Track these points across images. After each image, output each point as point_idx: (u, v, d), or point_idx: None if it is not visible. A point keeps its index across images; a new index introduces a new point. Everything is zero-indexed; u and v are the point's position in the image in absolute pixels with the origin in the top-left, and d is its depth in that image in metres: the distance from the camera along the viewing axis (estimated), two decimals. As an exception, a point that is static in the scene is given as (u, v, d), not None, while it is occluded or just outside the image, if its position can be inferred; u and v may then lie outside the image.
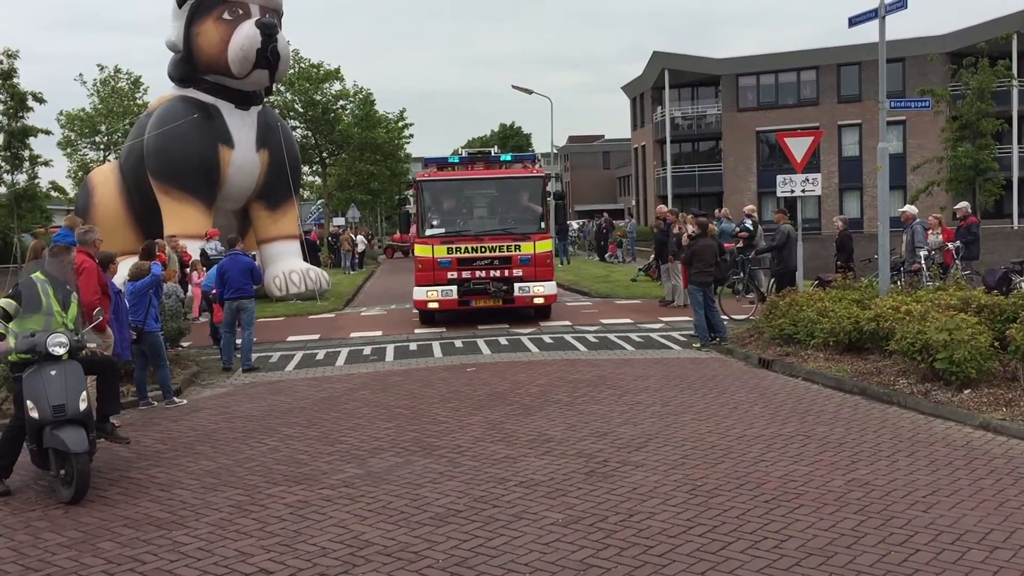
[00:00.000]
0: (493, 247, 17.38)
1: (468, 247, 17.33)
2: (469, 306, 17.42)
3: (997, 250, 24.86)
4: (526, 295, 17.49)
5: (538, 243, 17.61)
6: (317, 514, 6.83)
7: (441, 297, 17.25)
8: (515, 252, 17.38)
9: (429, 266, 17.29)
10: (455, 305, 17.34)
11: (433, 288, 17.29)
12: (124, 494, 7.53)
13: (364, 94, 50.09)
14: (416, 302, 17.74)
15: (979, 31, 43.06)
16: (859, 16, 14.66)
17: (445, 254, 17.27)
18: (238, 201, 24.10)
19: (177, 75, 23.52)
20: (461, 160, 18.49)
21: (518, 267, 17.39)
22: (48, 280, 7.92)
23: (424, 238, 17.58)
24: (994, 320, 11.03)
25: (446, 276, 17.26)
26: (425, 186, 18.01)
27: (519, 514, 6.69)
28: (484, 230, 17.86)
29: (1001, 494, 6.85)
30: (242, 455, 8.70)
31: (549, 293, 17.77)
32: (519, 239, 17.52)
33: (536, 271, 17.47)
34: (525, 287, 17.42)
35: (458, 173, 18.34)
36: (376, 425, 9.77)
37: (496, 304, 17.42)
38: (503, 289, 17.27)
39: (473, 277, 17.29)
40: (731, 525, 6.31)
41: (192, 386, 12.63)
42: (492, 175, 18.33)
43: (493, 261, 17.31)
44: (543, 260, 17.60)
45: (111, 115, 47.41)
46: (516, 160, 18.79)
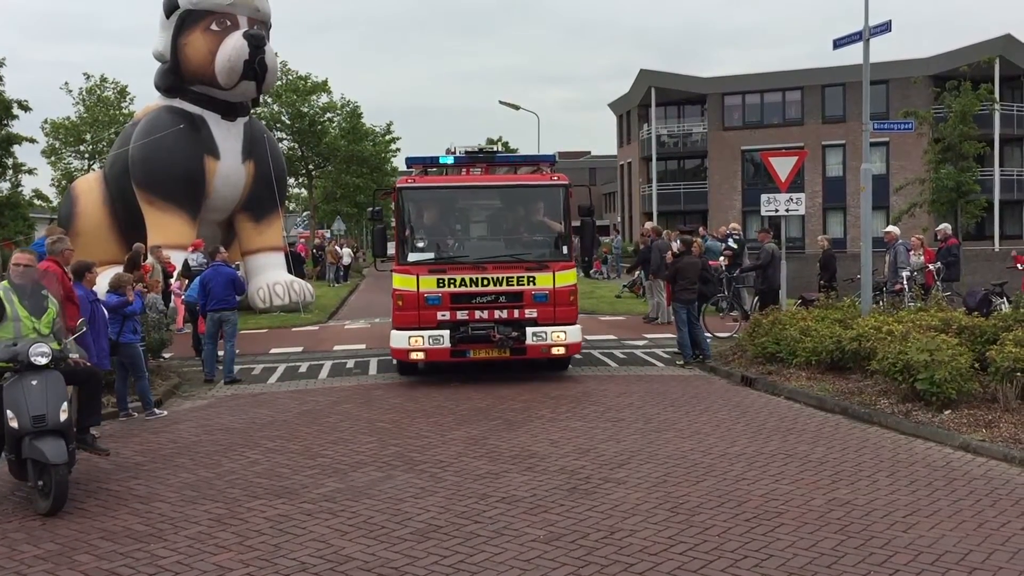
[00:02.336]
0: (499, 279, 12.87)
1: (465, 279, 12.84)
2: (465, 358, 12.92)
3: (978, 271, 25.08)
4: (542, 343, 12.89)
5: (559, 274, 12.99)
6: (297, 528, 6.80)
7: (428, 345, 12.76)
8: (528, 286, 12.89)
9: (412, 303, 12.79)
10: (447, 356, 12.84)
11: (417, 333, 12.77)
12: (103, 506, 7.47)
13: (351, 107, 50.09)
14: (394, 351, 13.13)
15: (962, 55, 43.56)
16: (844, 38, 14.82)
17: (434, 287, 12.76)
18: (223, 212, 24.02)
19: (164, 85, 23.46)
20: (456, 161, 13.78)
21: (532, 306, 12.88)
22: (12, 288, 7.86)
23: (405, 265, 12.99)
24: (974, 341, 11.12)
25: (435, 317, 12.78)
26: (408, 195, 13.29)
27: (501, 530, 6.67)
28: (487, 256, 13.21)
29: (980, 515, 6.89)
30: (222, 468, 8.64)
31: (572, 341, 13.02)
32: (533, 268, 12.95)
33: (556, 312, 12.93)
34: (541, 333, 12.86)
35: (452, 179, 14.00)
36: (358, 439, 9.74)
37: (501, 356, 12.98)
38: (511, 336, 12.76)
39: (472, 319, 12.79)
40: (712, 543, 6.32)
41: (173, 398, 12.55)
42: (497, 182, 13.86)
43: (498, 298, 12.86)
44: (565, 297, 13.02)
45: (96, 124, 47.25)
46: (528, 162, 14.32)
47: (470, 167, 13.96)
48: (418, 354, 12.85)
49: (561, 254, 13.32)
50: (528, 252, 13.41)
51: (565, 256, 13.29)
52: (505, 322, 12.85)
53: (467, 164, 13.88)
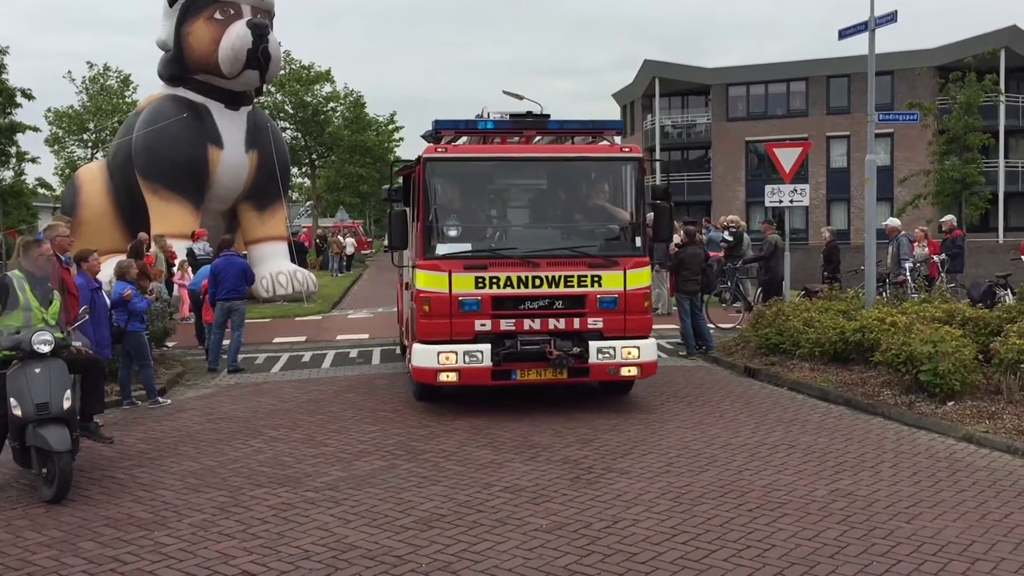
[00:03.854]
0: (555, 279, 10.03)
1: (512, 278, 9.98)
2: (510, 380, 10.07)
3: (982, 264, 24.99)
4: (609, 362, 10.10)
5: (631, 273, 10.20)
6: (300, 517, 6.81)
7: (462, 364, 9.89)
8: (592, 288, 10.08)
9: (442, 309, 9.92)
10: (486, 379, 10.00)
11: (449, 348, 9.91)
12: (106, 494, 7.48)
13: (354, 97, 50.04)
14: (416, 371, 10.26)
15: (967, 46, 43.37)
16: (849, 29, 14.76)
17: (471, 289, 9.93)
18: (226, 202, 24.02)
19: (167, 74, 23.44)
20: (497, 126, 10.84)
21: (596, 314, 10.10)
22: (25, 276, 7.88)
23: (433, 260, 10.04)
24: (978, 333, 11.12)
25: (472, 327, 9.95)
26: (437, 169, 10.27)
27: (503, 519, 6.68)
28: (539, 248, 10.27)
29: (983, 506, 6.89)
30: (226, 456, 8.66)
31: (647, 360, 10.32)
32: (599, 265, 10.13)
33: (627, 321, 10.18)
34: (608, 349, 10.09)
35: (494, 149, 10.83)
36: (361, 428, 9.75)
37: (556, 378, 10.16)
38: (571, 353, 9.98)
39: (520, 330, 10.03)
40: (715, 533, 6.32)
41: (176, 386, 12.57)
42: (554, 153, 10.90)
43: (554, 303, 10.06)
44: (638, 302, 10.25)
45: (99, 113, 47.28)
46: (589, 129, 11.01)
47: (516, 134, 10.95)
48: (449, 375, 9.90)
49: (633, 247, 10.48)
50: (592, 244, 10.50)
51: (638, 249, 10.45)
52: (562, 334, 10.05)
53: (512, 131, 10.87)
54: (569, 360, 9.96)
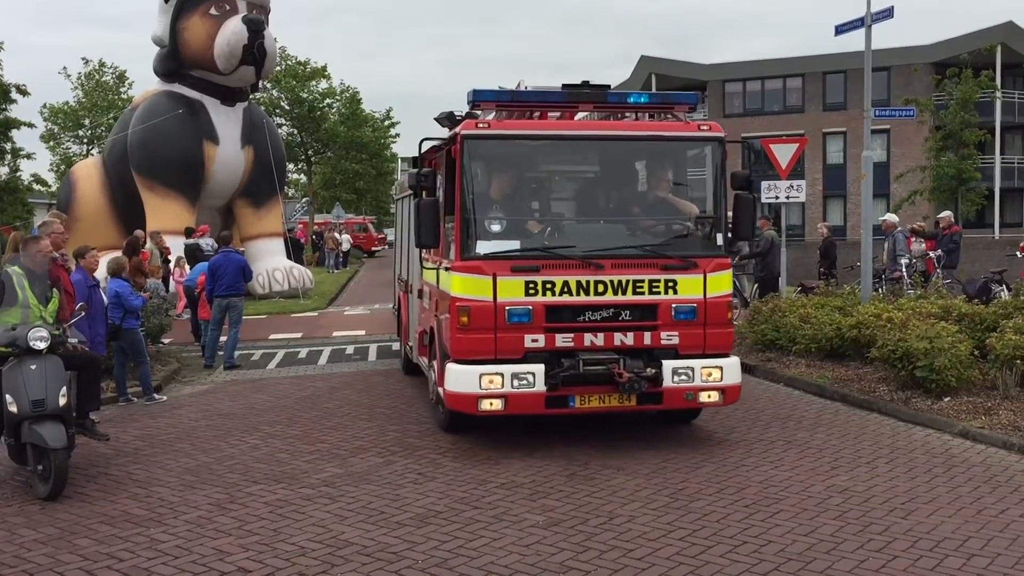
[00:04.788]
0: (622, 284, 8.34)
1: (570, 283, 8.27)
2: (567, 408, 8.39)
3: (978, 260, 25.03)
4: (686, 386, 8.43)
5: (711, 277, 8.55)
6: (297, 513, 6.80)
7: (510, 388, 8.17)
8: (667, 295, 8.42)
9: (485, 321, 8.21)
10: (539, 407, 8.31)
11: (494, 369, 8.19)
12: (102, 491, 7.47)
13: (350, 93, 49.95)
14: (452, 397, 8.45)
15: (963, 42, 43.37)
16: (845, 25, 14.76)
17: (520, 296, 8.22)
18: (222, 198, 24.00)
19: (162, 70, 23.41)
20: (549, 98, 8.99)
21: (671, 327, 8.44)
22: (24, 273, 7.86)
23: (473, 260, 8.27)
24: (974, 329, 11.13)
25: (521, 343, 8.24)
26: (478, 149, 8.49)
27: (500, 515, 6.68)
28: (603, 247, 8.51)
29: (979, 502, 6.90)
30: (222, 453, 8.65)
31: (731, 383, 8.62)
32: (674, 268, 8.47)
33: (707, 336, 8.54)
34: (685, 370, 8.43)
35: (546, 125, 9.00)
36: (357, 425, 9.74)
37: (623, 406, 8.46)
38: (645, 376, 8.27)
39: (579, 346, 8.32)
40: (711, 529, 6.33)
41: (173, 383, 12.56)
42: (620, 131, 8.99)
43: (621, 313, 8.37)
44: (720, 313, 8.60)
45: (95, 109, 47.11)
46: (657, 105, 9.20)
47: (571, 107, 9.00)
48: (494, 403, 8.15)
49: (712, 245, 8.78)
50: (665, 241, 8.84)
51: (719, 249, 8.74)
52: (630, 351, 8.36)
53: (567, 103, 8.93)
54: (642, 384, 8.18)
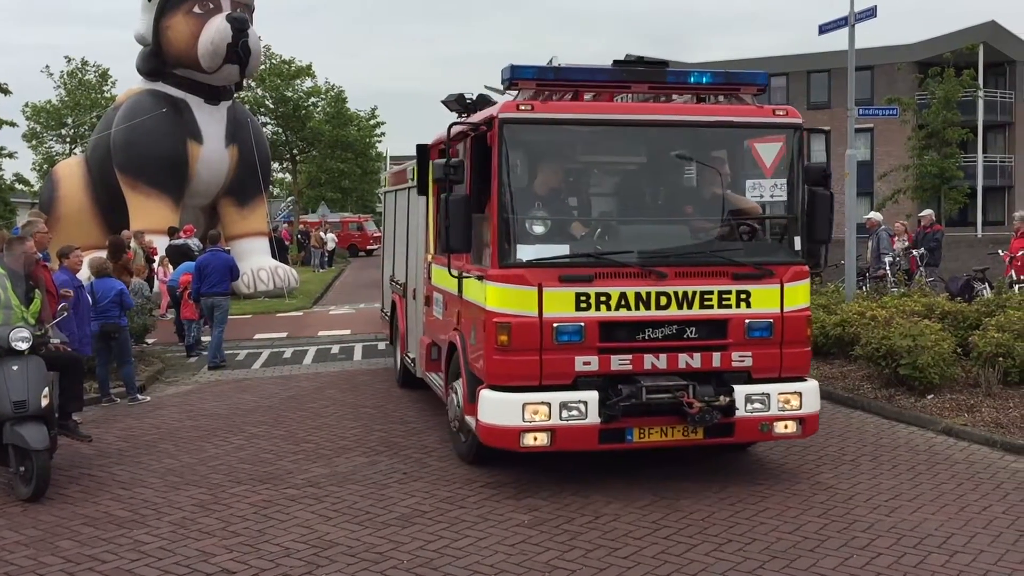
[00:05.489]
0: (687, 296, 7.19)
1: (628, 295, 7.10)
2: (624, 443, 7.18)
3: (960, 258, 25.16)
4: (761, 415, 7.27)
5: (788, 287, 7.42)
6: (281, 514, 6.78)
7: (558, 421, 6.96)
8: (739, 309, 7.29)
9: (528, 340, 7.02)
10: (592, 441, 7.10)
11: (539, 398, 7.00)
12: (85, 492, 7.42)
13: (336, 91, 49.80)
14: (487, 430, 7.19)
15: (946, 41, 43.67)
16: (829, 24, 14.83)
17: (570, 311, 7.04)
18: (206, 197, 23.88)
19: (146, 69, 23.27)
20: (598, 76, 7.74)
21: (743, 346, 7.29)
22: (7, 274, 7.80)
23: (513, 268, 7.08)
24: (957, 327, 11.20)
25: (571, 366, 7.06)
26: (518, 136, 7.23)
27: (485, 515, 6.68)
28: (665, 252, 7.36)
29: (962, 499, 6.95)
30: (206, 453, 8.61)
31: (810, 411, 7.45)
32: (747, 277, 7.34)
33: (783, 356, 7.38)
34: (760, 397, 7.28)
35: (598, 108, 7.83)
36: (343, 424, 9.71)
37: (689, 440, 7.28)
38: (718, 405, 7.08)
39: (638, 369, 7.14)
40: (696, 527, 6.34)
41: (156, 383, 12.48)
42: (685, 117, 7.76)
43: (686, 331, 7.20)
44: (798, 329, 7.44)
45: (78, 108, 46.84)
46: (722, 85, 7.92)
47: (625, 85, 7.84)
48: (538, 437, 6.95)
49: (791, 250, 7.61)
50: (736, 245, 7.69)
51: (797, 254, 7.58)
52: (696, 375, 7.16)
53: (621, 82, 7.75)
54: (715, 415, 6.99)
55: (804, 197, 7.71)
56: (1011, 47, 47.76)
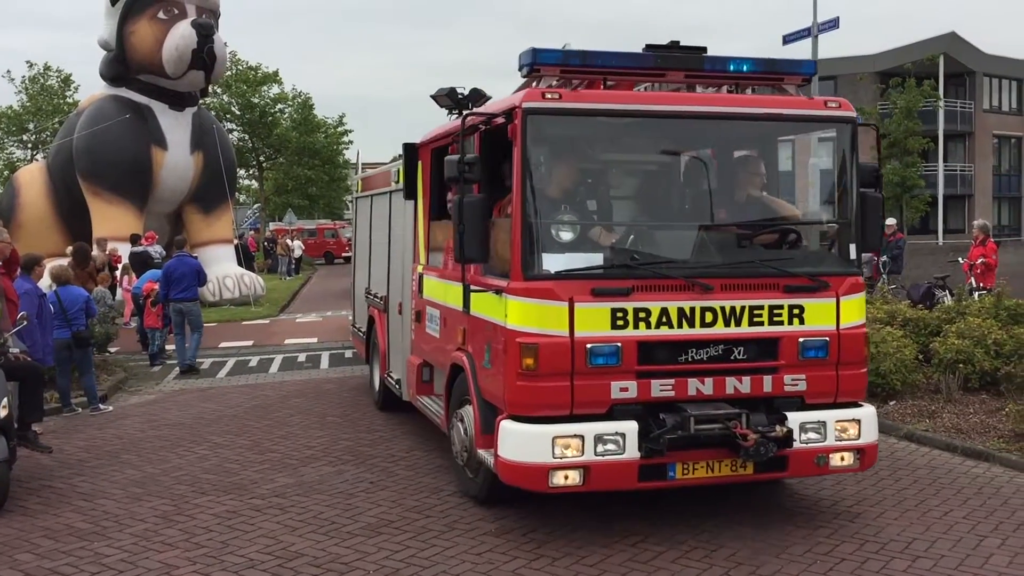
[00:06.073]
0: (735, 312, 6.38)
1: (670, 310, 6.26)
2: (666, 480, 6.32)
3: (922, 265, 25.53)
4: (817, 447, 6.47)
5: (845, 302, 6.67)
6: (246, 524, 6.71)
7: (592, 457, 6.08)
8: (791, 327, 6.51)
9: (558, 363, 6.12)
10: (631, 479, 6.22)
11: (570, 430, 6.12)
12: (45, 504, 7.30)
13: (303, 98, 49.57)
14: (509, 467, 6.23)
15: (907, 52, 44.37)
16: (793, 34, 15.02)
17: (606, 329, 6.18)
18: (171, 204, 23.67)
19: (109, 74, 23.05)
20: (629, 62, 6.76)
21: (796, 368, 6.52)
22: None
23: (540, 280, 6.15)
24: (918, 333, 11.34)
25: (606, 392, 6.18)
26: (544, 129, 6.38)
27: (452, 524, 6.66)
28: (707, 263, 6.55)
29: (924, 504, 7.03)
30: (169, 464, 8.50)
31: (869, 441, 6.70)
32: (799, 290, 6.54)
33: (840, 378, 6.63)
34: (816, 425, 6.50)
35: (636, 98, 6.99)
36: (309, 433, 9.64)
37: (737, 476, 6.45)
38: (770, 436, 6.20)
39: (681, 396, 6.31)
40: (663, 535, 6.36)
41: (119, 393, 12.32)
42: (730, 108, 6.86)
43: (734, 351, 6.40)
44: (855, 348, 6.72)
45: (39, 113, 46.16)
46: (765, 74, 7.06)
47: (660, 71, 6.88)
48: (570, 475, 6.09)
49: (844, 259, 6.86)
50: (787, 254, 6.88)
51: (852, 264, 6.83)
52: (746, 401, 6.38)
53: (654, 69, 6.83)
54: (771, 448, 6.17)
55: (857, 200, 6.87)
56: (971, 58, 48.64)
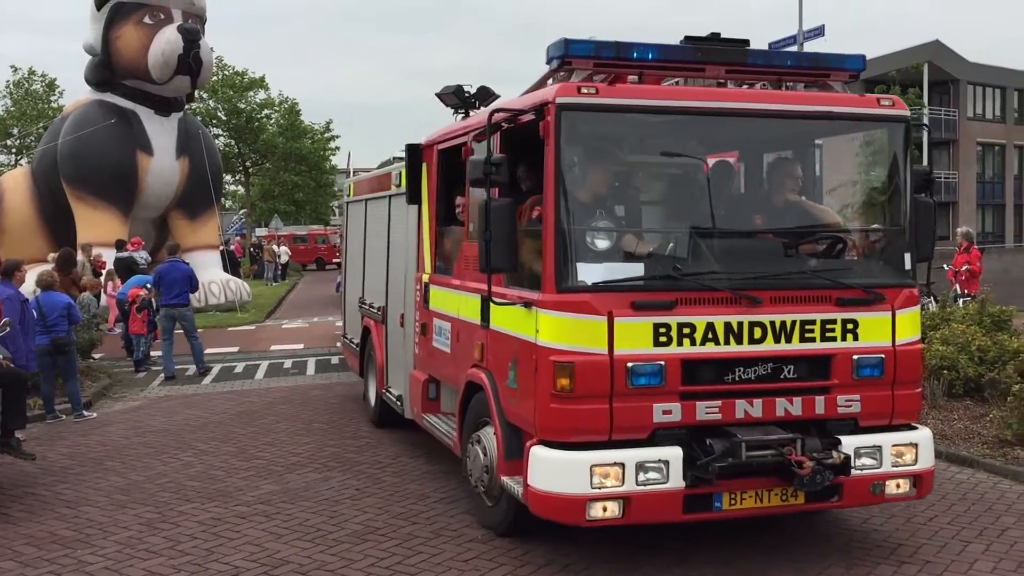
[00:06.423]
0: (785, 327, 5.87)
1: (716, 325, 5.75)
2: (712, 512, 5.75)
3: (907, 272, 25.79)
4: (873, 474, 5.95)
5: (901, 316, 6.22)
6: (231, 532, 6.68)
7: (633, 487, 5.52)
8: (845, 343, 6.01)
9: (596, 384, 5.58)
10: (676, 511, 5.64)
11: (609, 457, 5.56)
12: (28, 511, 7.25)
13: (289, 103, 49.50)
14: (541, 498, 5.67)
15: (892, 60, 44.64)
16: (779, 42, 15.11)
17: (648, 347, 5.65)
18: (156, 209, 23.58)
19: (94, 79, 22.95)
20: (667, 55, 6.22)
21: (850, 388, 6.01)
22: None
23: (575, 292, 5.61)
24: (903, 340, 11.38)
25: (648, 415, 5.64)
26: (578, 127, 5.78)
27: (439, 531, 6.64)
28: (754, 273, 5.97)
29: (909, 509, 7.06)
30: (154, 471, 8.46)
31: (925, 467, 6.16)
32: (852, 303, 6.05)
33: (896, 396, 6.14)
34: (871, 451, 5.98)
35: (678, 93, 6.17)
36: (295, 440, 9.61)
37: (788, 505, 5.90)
38: (827, 463, 5.70)
39: (728, 419, 5.77)
40: (647, 539, 6.36)
41: (104, 399, 12.25)
42: (781, 106, 6.31)
43: (783, 369, 5.88)
44: (911, 367, 6.25)
45: (24, 118, 45.93)
46: (813, 70, 6.68)
47: (701, 65, 6.33)
48: (608, 507, 5.54)
49: (900, 270, 6.41)
50: (839, 263, 6.42)
51: (907, 275, 6.39)
52: (796, 424, 5.88)
53: (694, 65, 6.32)
54: (828, 476, 5.68)
55: (911, 205, 6.44)
56: (955, 66, 49.01)
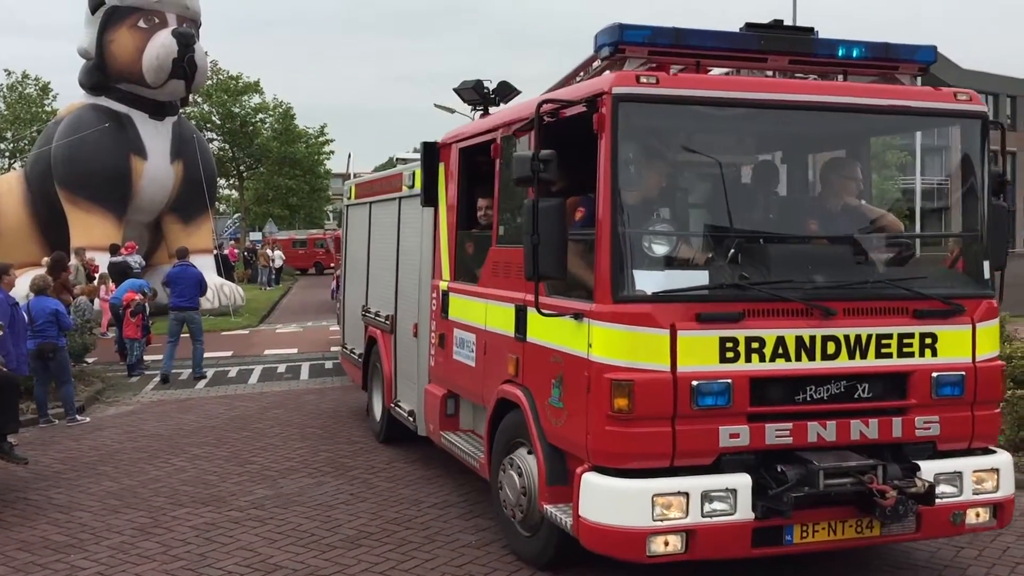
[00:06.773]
0: (859, 339, 5.31)
1: (787, 340, 5.19)
2: (782, 546, 5.21)
3: (900, 278, 25.91)
4: (955, 502, 5.41)
5: (981, 329, 5.58)
6: (224, 537, 6.66)
7: (699, 518, 4.99)
8: (922, 359, 5.44)
9: (657, 405, 5.02)
10: (745, 545, 5.08)
11: (672, 484, 5.02)
12: (20, 516, 7.22)
13: (284, 108, 49.50)
14: (595, 531, 5.11)
15: (885, 67, 44.90)
16: (773, 48, 15.10)
17: (714, 363, 5.08)
18: (150, 214, 23.55)
19: (88, 83, 22.93)
20: (726, 43, 5.67)
21: (928, 408, 5.44)
22: None
23: (632, 303, 5.05)
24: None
25: (714, 439, 5.08)
26: (637, 121, 5.20)
27: (432, 536, 6.64)
28: (827, 282, 5.41)
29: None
30: (147, 476, 8.44)
31: (1006, 494, 5.59)
32: (931, 315, 5.46)
33: (976, 418, 5.56)
34: (951, 478, 5.44)
35: (745, 84, 5.76)
36: (288, 445, 9.59)
37: (863, 537, 5.37)
38: (910, 492, 5.16)
39: (800, 443, 5.19)
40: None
41: (96, 403, 12.22)
42: (856, 99, 5.65)
43: (857, 388, 5.31)
44: (992, 384, 5.62)
45: (17, 122, 45.83)
46: (882, 61, 6.16)
47: (757, 60, 5.90)
48: (671, 541, 5.03)
49: (977, 278, 5.82)
50: (913, 272, 5.95)
51: (986, 284, 5.78)
52: (872, 448, 5.37)
53: (756, 54, 5.80)
54: (912, 508, 5.20)
55: (988, 210, 5.84)
56: (949, 73, 49.22)
